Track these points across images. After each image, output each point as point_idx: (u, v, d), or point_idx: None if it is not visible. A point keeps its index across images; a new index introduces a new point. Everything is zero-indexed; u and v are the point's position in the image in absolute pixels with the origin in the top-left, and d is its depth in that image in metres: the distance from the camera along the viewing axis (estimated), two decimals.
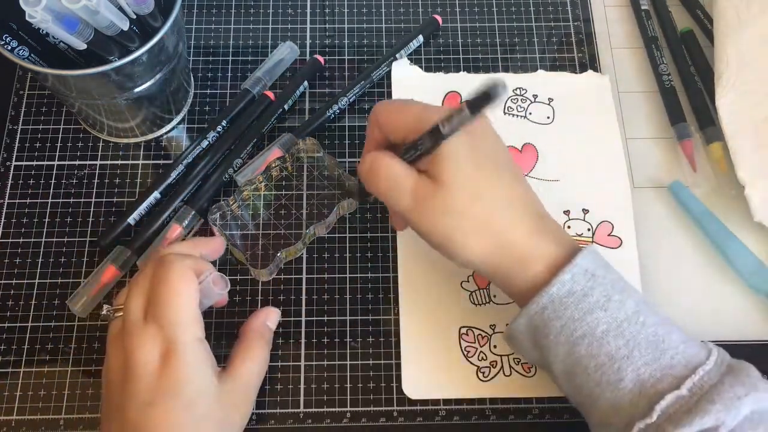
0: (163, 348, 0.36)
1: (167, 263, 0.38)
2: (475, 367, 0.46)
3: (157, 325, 0.36)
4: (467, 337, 0.47)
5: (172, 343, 0.36)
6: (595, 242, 0.49)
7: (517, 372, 0.46)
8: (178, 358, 0.35)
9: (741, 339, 0.47)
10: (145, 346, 0.36)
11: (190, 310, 0.37)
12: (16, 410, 0.44)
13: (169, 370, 0.35)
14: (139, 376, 0.36)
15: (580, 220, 0.50)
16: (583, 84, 0.55)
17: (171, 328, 0.36)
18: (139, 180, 0.51)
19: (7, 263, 0.48)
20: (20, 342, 0.46)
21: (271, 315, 0.44)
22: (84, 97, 0.46)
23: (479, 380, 0.45)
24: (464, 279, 0.48)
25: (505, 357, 0.46)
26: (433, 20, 0.56)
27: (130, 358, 0.36)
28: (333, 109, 0.52)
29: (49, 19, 0.40)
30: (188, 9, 0.57)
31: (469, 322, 0.47)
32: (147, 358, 0.36)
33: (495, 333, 0.47)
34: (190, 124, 0.53)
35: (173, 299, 0.37)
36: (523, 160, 0.52)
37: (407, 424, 0.45)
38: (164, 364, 0.36)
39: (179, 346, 0.36)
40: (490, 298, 0.48)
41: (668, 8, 0.58)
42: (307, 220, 0.49)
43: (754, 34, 0.52)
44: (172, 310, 0.36)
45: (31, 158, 0.51)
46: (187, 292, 0.37)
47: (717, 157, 0.51)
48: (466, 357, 0.46)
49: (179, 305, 0.37)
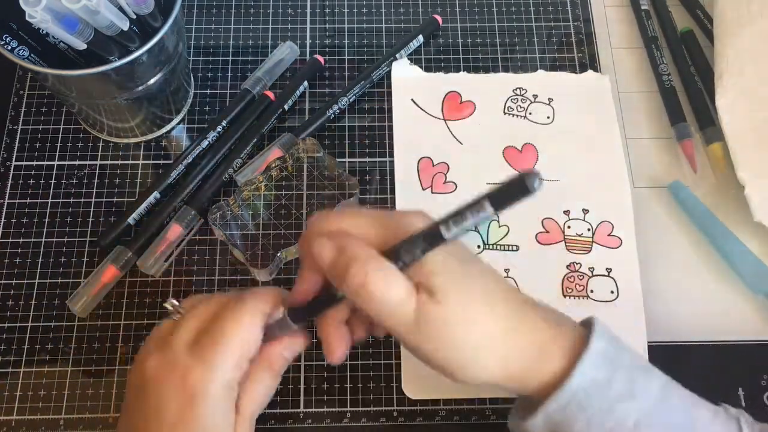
0: (190, 386, 0.33)
1: (235, 304, 0.35)
2: None
3: (195, 358, 0.34)
4: None
5: (200, 385, 0.33)
6: (595, 242, 0.49)
7: None
8: (197, 407, 0.33)
9: (741, 339, 0.47)
10: (174, 383, 0.34)
11: (233, 356, 0.34)
12: (16, 410, 0.44)
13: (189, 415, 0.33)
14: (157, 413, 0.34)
15: (580, 220, 0.50)
16: (583, 84, 0.55)
17: (205, 369, 0.34)
18: (139, 180, 0.51)
19: (7, 263, 0.48)
20: (20, 342, 0.46)
21: (292, 344, 0.37)
22: (84, 97, 0.46)
23: None
24: None
25: None
26: (433, 20, 0.56)
27: (157, 381, 0.34)
28: (333, 109, 0.52)
29: (49, 19, 0.40)
30: (188, 9, 0.57)
31: None
32: (171, 391, 0.34)
33: None
34: (190, 124, 0.53)
35: (219, 339, 0.34)
36: (523, 160, 0.52)
37: (407, 424, 0.45)
38: (186, 405, 0.33)
39: (204, 395, 0.33)
40: None
41: (668, 8, 0.58)
42: (307, 220, 0.49)
43: (754, 34, 0.52)
44: (214, 352, 0.34)
45: (31, 158, 0.51)
46: (238, 338, 0.34)
47: (717, 157, 0.51)
48: None
49: (223, 351, 0.34)
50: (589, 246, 0.49)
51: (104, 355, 0.46)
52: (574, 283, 0.48)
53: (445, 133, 0.53)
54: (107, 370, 0.45)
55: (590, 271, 0.48)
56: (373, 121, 0.54)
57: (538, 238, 0.49)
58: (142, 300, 0.47)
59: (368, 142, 0.53)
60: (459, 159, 0.52)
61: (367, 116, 0.54)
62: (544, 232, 0.49)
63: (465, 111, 0.54)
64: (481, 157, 0.52)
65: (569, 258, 0.49)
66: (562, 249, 0.49)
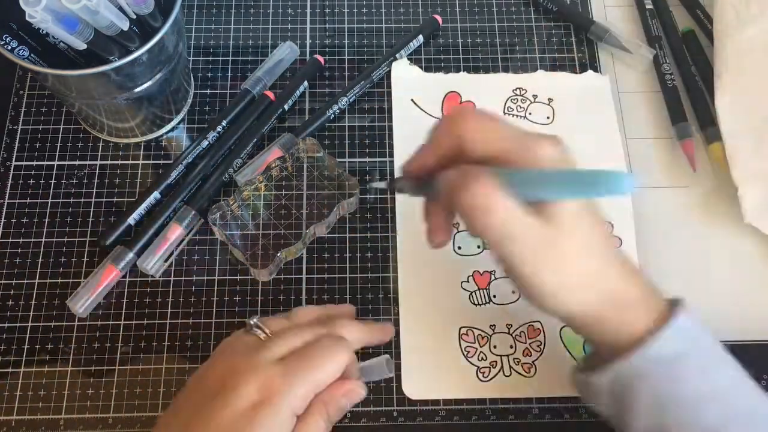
0: (269, 390, 0.34)
1: (333, 342, 0.37)
2: (475, 367, 0.46)
3: (281, 370, 0.35)
4: (467, 337, 0.47)
5: (277, 395, 0.34)
6: None
7: (516, 372, 0.46)
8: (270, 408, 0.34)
9: (742, 339, 0.47)
10: (255, 383, 0.35)
11: (311, 384, 0.36)
12: (16, 410, 0.44)
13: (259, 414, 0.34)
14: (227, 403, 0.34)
15: None
16: (583, 84, 0.55)
17: (285, 383, 0.35)
18: (139, 180, 0.51)
19: (7, 263, 0.48)
20: (20, 342, 0.46)
21: (353, 393, 0.37)
22: (84, 97, 0.46)
23: (479, 380, 0.45)
24: (464, 279, 0.48)
25: (505, 357, 0.46)
26: (433, 20, 0.56)
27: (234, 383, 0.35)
28: (333, 109, 0.52)
29: (49, 19, 0.40)
30: (188, 9, 0.57)
31: (469, 323, 0.47)
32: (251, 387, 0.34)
33: (495, 333, 0.47)
34: (190, 124, 0.53)
35: (306, 366, 0.36)
36: None
37: (407, 424, 0.45)
38: (260, 405, 0.34)
39: (278, 404, 0.34)
40: (490, 298, 0.48)
41: (669, 8, 0.58)
42: (307, 220, 0.49)
43: (753, 35, 0.52)
44: (298, 373, 0.35)
45: (31, 158, 0.51)
46: (323, 373, 0.36)
47: (717, 157, 0.51)
48: (466, 357, 0.46)
49: (305, 376, 0.35)
50: None
51: (104, 355, 0.46)
52: None
53: None
54: (107, 370, 0.45)
55: None
56: (373, 121, 0.54)
57: None
58: (142, 300, 0.47)
59: (368, 142, 0.53)
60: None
61: (367, 116, 0.54)
62: None
63: None
64: None
65: None
66: None
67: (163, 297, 0.47)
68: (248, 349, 0.37)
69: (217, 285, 0.48)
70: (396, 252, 0.49)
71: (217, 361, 0.37)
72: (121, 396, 0.45)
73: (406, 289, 0.48)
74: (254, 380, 0.35)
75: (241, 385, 0.34)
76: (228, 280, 0.48)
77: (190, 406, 0.36)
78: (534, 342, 0.46)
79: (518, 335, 0.47)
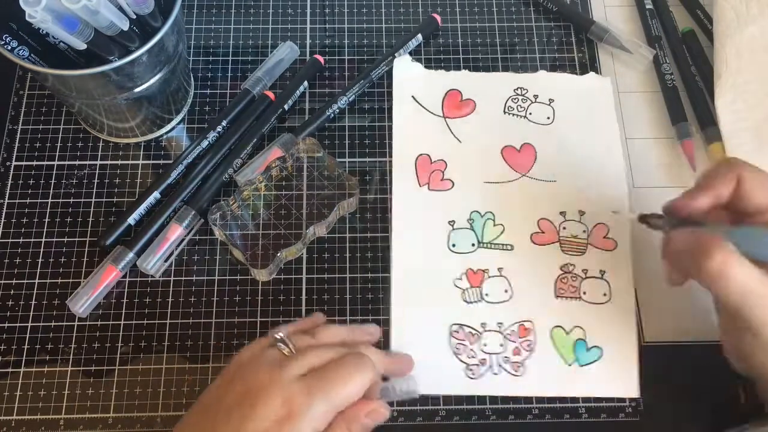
0: (291, 407, 0.35)
1: (357, 360, 0.38)
2: (464, 364, 0.46)
3: (303, 388, 0.35)
4: (458, 334, 0.47)
5: (298, 411, 0.35)
6: (591, 244, 0.49)
7: (505, 371, 0.46)
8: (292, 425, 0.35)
9: None
10: (279, 399, 0.35)
11: (331, 402, 0.36)
12: (16, 410, 0.44)
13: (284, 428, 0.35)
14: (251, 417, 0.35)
15: (576, 221, 0.50)
16: (585, 86, 0.55)
17: (307, 400, 0.35)
18: (139, 180, 0.51)
19: (7, 263, 0.48)
20: (20, 342, 0.46)
21: (375, 414, 0.38)
22: (84, 97, 0.46)
23: (468, 378, 0.45)
24: (457, 277, 0.48)
25: (495, 356, 0.46)
26: (432, 19, 0.56)
27: (259, 397, 0.35)
28: (333, 108, 0.52)
29: (49, 19, 0.40)
30: (188, 9, 0.57)
31: (461, 320, 0.47)
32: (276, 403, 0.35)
33: (486, 331, 0.47)
34: (190, 124, 0.53)
35: (328, 386, 0.36)
36: (521, 160, 0.52)
37: (407, 424, 0.45)
38: (284, 420, 0.35)
39: (300, 419, 0.35)
40: (482, 296, 0.48)
41: (669, 8, 0.58)
42: (307, 220, 0.49)
43: (753, 35, 0.52)
44: (321, 391, 0.36)
45: (31, 158, 0.51)
46: (345, 392, 0.36)
47: (717, 157, 0.51)
48: (455, 354, 0.46)
49: (326, 395, 0.36)
50: (584, 248, 0.49)
51: (104, 355, 0.46)
52: (567, 285, 0.48)
53: (444, 130, 0.53)
54: (107, 370, 0.45)
55: (584, 273, 0.48)
56: (373, 121, 0.54)
57: (533, 238, 0.49)
58: (142, 300, 0.47)
59: (368, 142, 0.53)
60: (457, 157, 0.52)
61: (367, 116, 0.54)
62: (539, 232, 0.49)
63: (465, 109, 0.54)
64: (480, 156, 0.52)
65: (563, 259, 0.49)
66: (557, 250, 0.49)
67: (163, 297, 0.47)
68: (272, 365, 0.37)
69: (217, 285, 0.48)
70: (390, 243, 0.49)
71: (239, 375, 0.37)
72: (121, 396, 0.45)
73: (399, 283, 0.48)
74: (278, 396, 0.35)
75: (265, 401, 0.35)
76: (228, 280, 0.48)
77: (209, 422, 0.36)
78: (524, 341, 0.46)
79: (509, 334, 0.47)
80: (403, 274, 0.48)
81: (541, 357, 0.46)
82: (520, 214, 0.50)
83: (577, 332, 0.47)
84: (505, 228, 0.50)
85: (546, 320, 0.47)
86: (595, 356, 0.46)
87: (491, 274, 0.48)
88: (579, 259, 0.49)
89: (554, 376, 0.45)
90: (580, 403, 0.45)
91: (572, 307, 0.47)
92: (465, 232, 0.49)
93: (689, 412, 0.45)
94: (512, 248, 0.49)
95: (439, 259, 0.49)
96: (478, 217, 0.50)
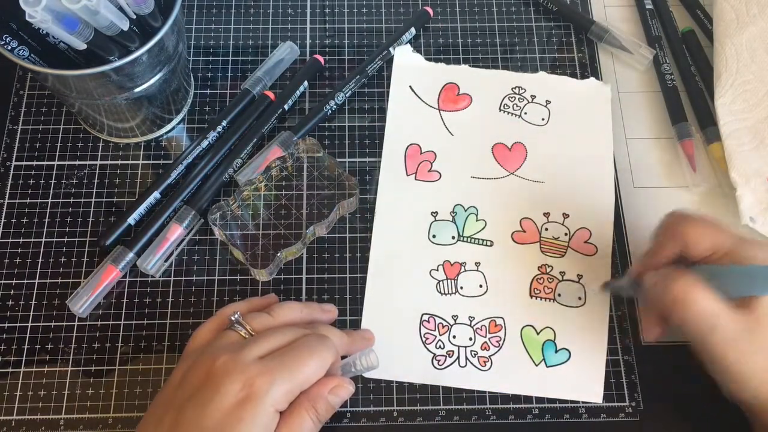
0: (252, 389, 0.35)
1: (317, 339, 0.38)
2: (431, 354, 0.46)
3: (263, 369, 0.36)
4: (428, 324, 0.47)
5: (259, 393, 0.35)
6: (571, 247, 0.49)
7: (472, 364, 0.46)
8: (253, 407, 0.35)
9: None
10: (239, 381, 0.35)
11: (293, 382, 0.36)
12: (16, 410, 0.44)
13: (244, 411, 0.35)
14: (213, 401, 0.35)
15: (558, 223, 0.50)
16: (584, 90, 0.55)
17: (267, 380, 0.35)
18: (139, 180, 0.51)
19: (7, 263, 0.48)
20: (20, 342, 0.46)
21: (339, 389, 0.39)
22: (84, 97, 0.46)
23: (434, 368, 0.45)
24: (434, 267, 0.48)
25: (463, 348, 0.46)
26: (424, 12, 0.57)
27: (220, 381, 0.35)
28: (330, 105, 0.52)
29: (49, 19, 0.40)
30: (188, 9, 0.57)
31: (432, 310, 0.47)
32: (236, 386, 0.35)
33: (456, 324, 0.47)
34: (190, 124, 0.53)
35: (290, 364, 0.36)
36: (511, 158, 0.52)
37: (407, 424, 0.45)
38: (246, 402, 0.35)
39: (261, 401, 0.35)
40: (457, 289, 0.48)
41: (669, 8, 0.58)
42: (307, 220, 0.49)
43: (753, 35, 0.52)
44: (281, 371, 0.36)
45: (31, 158, 0.51)
46: (307, 372, 0.37)
47: (717, 157, 0.51)
48: (423, 344, 0.46)
49: (288, 374, 0.36)
50: (564, 250, 0.49)
51: (104, 355, 0.46)
52: (542, 285, 0.48)
53: (437, 122, 0.53)
54: (107, 370, 0.45)
55: (561, 275, 0.48)
56: (372, 121, 0.54)
57: (514, 236, 0.49)
58: (142, 300, 0.47)
59: (368, 142, 0.53)
60: (447, 149, 0.52)
61: (367, 116, 0.54)
62: (521, 231, 0.49)
63: (461, 103, 0.54)
64: (470, 151, 0.52)
65: (542, 260, 0.49)
66: (536, 250, 0.49)
67: (163, 297, 0.47)
68: (231, 348, 0.37)
69: (217, 285, 0.48)
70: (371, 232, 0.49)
71: (199, 361, 0.37)
72: (121, 396, 0.45)
73: (375, 268, 0.48)
74: (238, 379, 0.35)
75: (226, 383, 0.35)
76: (228, 280, 0.48)
77: (174, 408, 0.36)
78: (494, 337, 0.46)
79: (479, 328, 0.47)
80: (380, 259, 0.48)
81: (509, 354, 0.46)
82: (504, 212, 0.50)
83: (547, 333, 0.47)
84: (487, 224, 0.50)
85: (518, 318, 0.47)
86: (563, 358, 0.46)
87: (468, 268, 0.48)
88: (558, 261, 0.49)
89: (521, 374, 0.45)
90: (581, 403, 0.45)
91: (545, 308, 0.47)
92: (446, 224, 0.49)
93: (689, 412, 0.45)
94: (492, 244, 0.49)
95: (418, 248, 0.49)
96: (461, 210, 0.50)
